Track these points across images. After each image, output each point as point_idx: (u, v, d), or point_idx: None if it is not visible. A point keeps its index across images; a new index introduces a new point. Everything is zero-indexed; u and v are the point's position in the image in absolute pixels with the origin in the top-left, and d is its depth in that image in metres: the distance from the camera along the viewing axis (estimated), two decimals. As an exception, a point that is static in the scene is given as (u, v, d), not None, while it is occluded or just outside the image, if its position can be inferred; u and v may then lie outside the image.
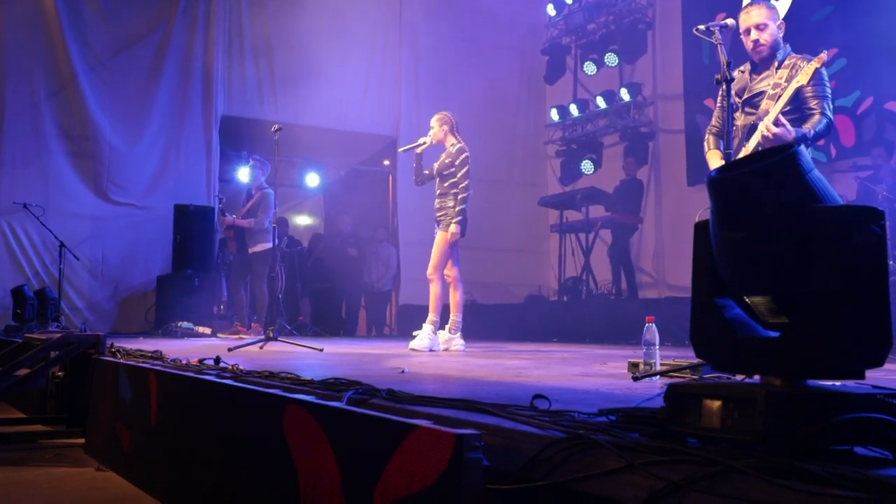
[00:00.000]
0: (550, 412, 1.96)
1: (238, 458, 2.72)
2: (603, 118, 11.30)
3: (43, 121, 9.80)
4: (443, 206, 6.50)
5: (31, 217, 9.20)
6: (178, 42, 10.53)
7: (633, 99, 10.68)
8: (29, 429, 4.87)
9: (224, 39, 10.79)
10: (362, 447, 2.00)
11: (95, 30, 10.12)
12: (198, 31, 10.62)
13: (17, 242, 9.56)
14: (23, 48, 9.75)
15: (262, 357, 4.98)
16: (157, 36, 10.43)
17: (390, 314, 11.79)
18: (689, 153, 9.91)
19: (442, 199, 6.52)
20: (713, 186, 1.55)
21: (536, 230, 12.14)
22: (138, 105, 10.30)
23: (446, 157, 6.49)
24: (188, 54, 10.57)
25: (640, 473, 1.41)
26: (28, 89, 9.75)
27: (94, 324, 9.53)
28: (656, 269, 10.46)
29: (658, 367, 3.14)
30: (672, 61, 10.37)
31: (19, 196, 9.33)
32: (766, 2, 3.94)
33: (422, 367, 3.94)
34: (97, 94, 10.08)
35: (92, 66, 10.07)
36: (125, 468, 3.76)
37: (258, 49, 10.99)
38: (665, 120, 10.59)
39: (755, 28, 3.86)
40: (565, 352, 5.83)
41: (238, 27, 10.91)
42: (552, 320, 8.98)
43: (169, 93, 10.46)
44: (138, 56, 10.32)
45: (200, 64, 10.61)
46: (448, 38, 11.85)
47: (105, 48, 10.15)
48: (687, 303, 5.44)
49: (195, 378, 3.24)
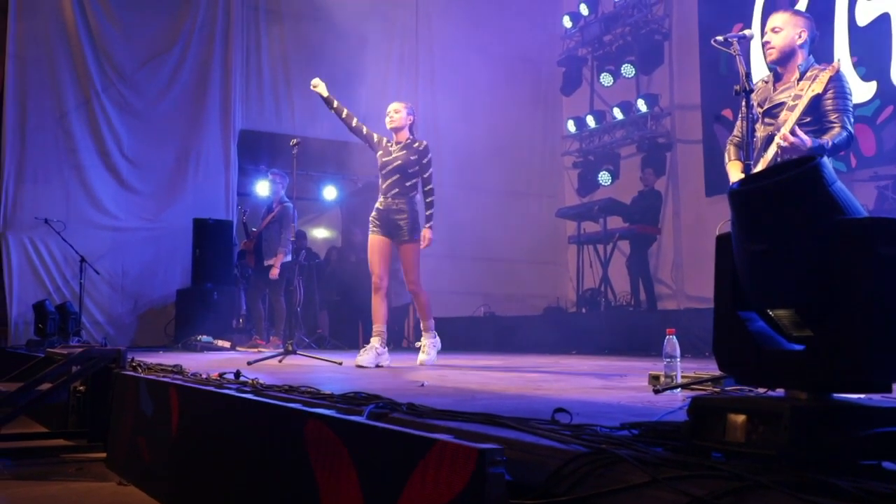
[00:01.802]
0: (572, 426, 1.95)
1: (259, 473, 2.72)
2: (620, 129, 11.28)
3: (64, 136, 9.91)
4: (401, 209, 5.78)
5: (52, 232, 9.29)
6: (196, 57, 10.62)
7: (650, 110, 10.66)
8: (51, 443, 4.90)
9: (242, 54, 10.87)
10: (383, 462, 2.00)
11: (115, 46, 10.23)
12: (215, 46, 10.71)
13: (38, 257, 9.65)
14: (45, 64, 9.87)
15: (282, 371, 4.99)
16: (175, 51, 10.53)
17: (408, 327, 11.78)
18: (706, 164, 9.87)
19: (398, 199, 5.79)
20: (735, 199, 1.54)
21: (554, 242, 12.11)
22: (157, 120, 10.39)
23: (411, 154, 5.82)
24: (206, 69, 10.66)
25: (664, 489, 1.40)
26: (49, 105, 9.87)
27: (114, 338, 9.59)
28: (675, 280, 10.41)
29: (679, 380, 3.12)
30: (689, 72, 10.35)
31: (41, 211, 9.42)
32: (794, 10, 3.91)
33: (441, 381, 3.94)
34: (117, 109, 10.19)
35: (112, 81, 10.18)
36: (146, 482, 3.77)
37: (275, 63, 11.06)
38: (682, 130, 10.55)
39: (771, 30, 3.85)
40: (584, 364, 5.80)
41: (255, 42, 10.99)
42: (571, 332, 8.94)
43: (188, 107, 10.54)
44: (157, 71, 10.42)
45: (218, 78, 10.69)
46: (465, 51, 11.87)
47: (125, 64, 10.26)
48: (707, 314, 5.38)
49: (216, 392, 3.25)
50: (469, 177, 11.75)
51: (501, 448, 1.68)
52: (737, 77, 3.56)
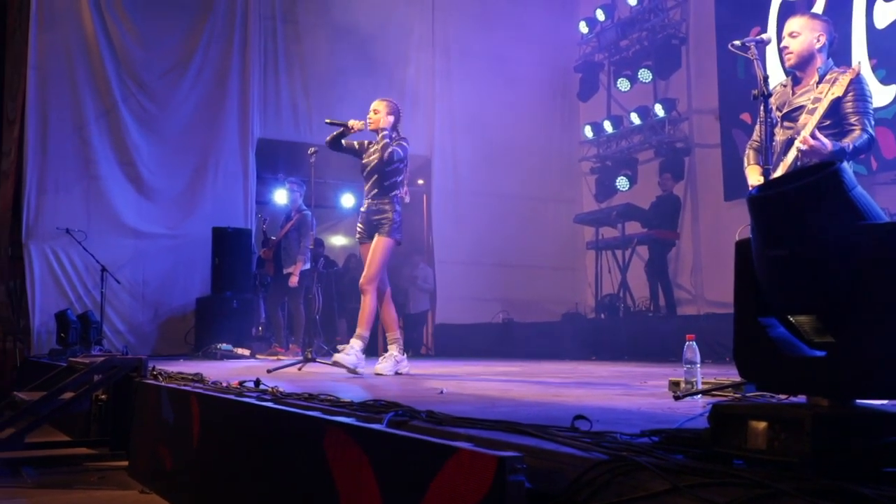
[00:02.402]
0: (592, 433, 1.95)
1: (280, 480, 2.73)
2: (637, 134, 11.25)
3: (84, 146, 9.99)
4: (381, 209, 5.58)
5: (73, 242, 9.37)
6: (214, 67, 10.69)
7: (667, 114, 10.62)
8: (73, 451, 4.94)
9: (259, 64, 10.93)
10: (403, 469, 2.00)
11: (135, 57, 10.31)
12: (233, 56, 10.77)
13: (60, 267, 9.72)
14: (65, 75, 9.96)
15: (302, 378, 5.01)
16: (194, 62, 10.60)
17: (427, 334, 11.80)
18: (725, 168, 9.82)
19: (378, 200, 5.62)
20: (754, 204, 1.54)
21: (572, 247, 12.08)
22: (176, 129, 10.46)
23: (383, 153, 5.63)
24: (224, 79, 10.72)
25: (685, 496, 1.39)
26: (70, 115, 9.95)
27: (135, 346, 9.64)
28: (694, 285, 10.36)
29: (699, 386, 3.10)
30: (707, 76, 10.30)
31: (62, 221, 9.50)
32: (811, 13, 3.88)
33: (460, 388, 3.94)
34: (136, 119, 10.27)
35: (132, 91, 10.26)
36: (168, 490, 3.80)
37: (293, 72, 11.12)
38: (700, 135, 10.51)
39: (789, 35, 3.83)
40: (604, 370, 5.78)
41: (273, 51, 11.06)
42: (590, 338, 8.92)
43: (206, 117, 10.61)
44: (176, 81, 10.50)
45: (236, 88, 10.76)
46: (481, 57, 11.89)
47: (144, 75, 10.34)
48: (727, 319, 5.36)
49: (236, 401, 3.27)
50: (486, 183, 11.76)
51: (521, 456, 1.68)
52: (754, 81, 3.55)
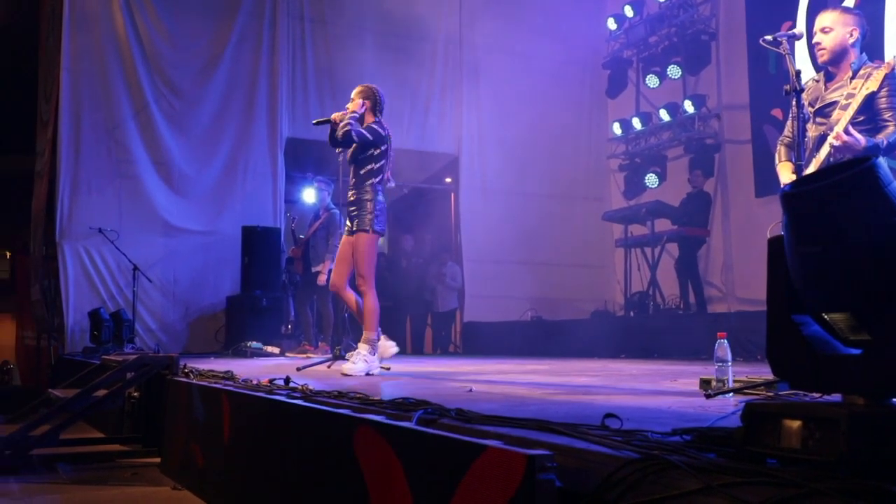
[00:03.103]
0: (622, 432, 1.93)
1: (310, 478, 2.74)
2: (667, 131, 11.17)
3: (116, 147, 10.12)
4: (355, 199, 5.33)
5: (106, 241, 9.49)
6: (243, 67, 10.78)
7: (697, 111, 10.53)
8: (107, 448, 5.01)
9: (288, 63, 11.00)
10: (433, 467, 2.00)
11: (165, 58, 10.42)
12: (262, 56, 10.85)
13: (93, 266, 9.85)
14: (97, 77, 10.10)
15: (331, 376, 5.03)
16: (223, 62, 10.69)
17: (455, 332, 11.80)
18: (756, 164, 9.72)
19: (353, 190, 5.36)
20: (787, 201, 1.52)
21: (601, 245, 12.02)
22: (206, 129, 10.57)
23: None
24: (254, 79, 10.81)
25: (718, 495, 1.38)
26: (103, 116, 10.09)
27: (166, 344, 9.75)
28: (725, 282, 10.26)
29: (731, 385, 3.07)
30: (737, 72, 10.20)
31: (95, 220, 9.63)
32: (844, 8, 3.83)
33: (489, 386, 3.93)
34: (167, 119, 10.38)
35: (162, 92, 10.38)
36: (200, 487, 3.83)
37: (321, 71, 11.18)
38: (731, 131, 10.41)
39: (821, 31, 3.77)
40: (633, 368, 5.74)
41: (301, 50, 11.12)
42: (619, 336, 8.86)
43: (235, 117, 10.69)
44: (205, 82, 10.60)
45: (265, 88, 10.84)
46: (509, 55, 11.87)
47: (175, 75, 10.45)
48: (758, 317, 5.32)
49: (266, 398, 3.29)
50: (514, 181, 11.74)
51: (552, 454, 1.67)
52: (786, 76, 3.51)
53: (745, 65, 10.01)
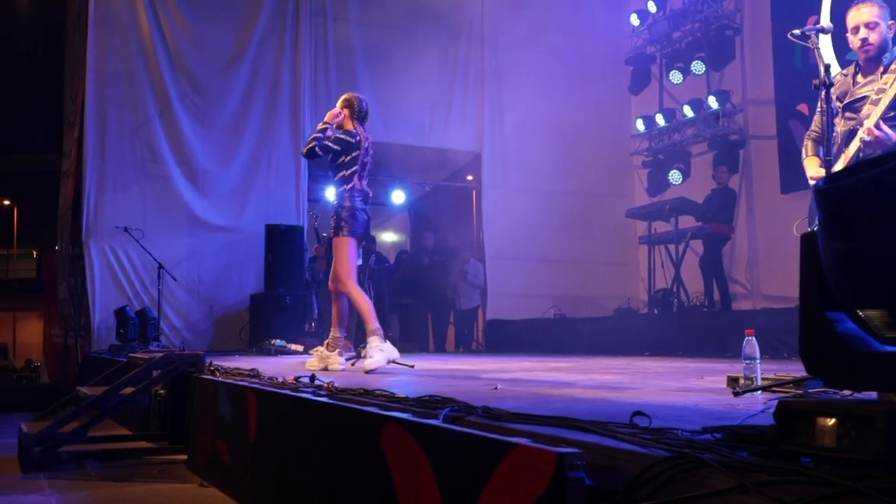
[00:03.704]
0: (652, 430, 1.92)
1: (337, 475, 2.75)
2: (690, 127, 11.09)
3: (141, 146, 10.21)
4: (338, 205, 5.51)
5: (131, 240, 9.57)
6: (266, 65, 10.83)
7: (721, 106, 10.45)
8: (134, 445, 5.05)
9: (310, 61, 11.04)
10: (461, 465, 2.00)
11: (189, 57, 10.50)
12: (285, 54, 10.90)
13: (118, 264, 9.94)
14: (123, 76, 10.19)
15: (356, 374, 5.04)
16: (246, 60, 10.75)
17: (477, 330, 11.79)
18: (781, 160, 9.63)
19: (337, 196, 5.57)
20: (821, 196, 1.50)
21: (624, 242, 11.97)
22: (229, 128, 10.63)
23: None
24: (276, 77, 10.86)
25: (751, 494, 1.36)
26: (128, 115, 10.18)
27: (191, 342, 9.82)
28: (750, 279, 10.18)
29: (759, 382, 3.04)
30: (762, 67, 10.11)
31: (120, 219, 9.71)
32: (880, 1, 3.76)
33: (514, 384, 3.92)
34: (191, 118, 10.45)
35: (186, 91, 10.45)
36: (226, 484, 3.85)
37: (342, 70, 11.20)
38: (756, 127, 10.32)
39: (864, 26, 3.70)
40: (658, 366, 5.71)
41: (324, 49, 11.15)
42: (643, 333, 8.82)
43: (258, 115, 10.75)
44: (229, 80, 10.66)
45: (288, 85, 10.88)
46: (530, 52, 11.84)
47: (199, 74, 10.52)
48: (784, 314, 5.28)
49: (292, 396, 3.30)
50: (537, 178, 11.71)
51: (581, 452, 1.66)
52: (812, 71, 3.48)
53: (769, 60, 9.92)
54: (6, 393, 11.28)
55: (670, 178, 11.01)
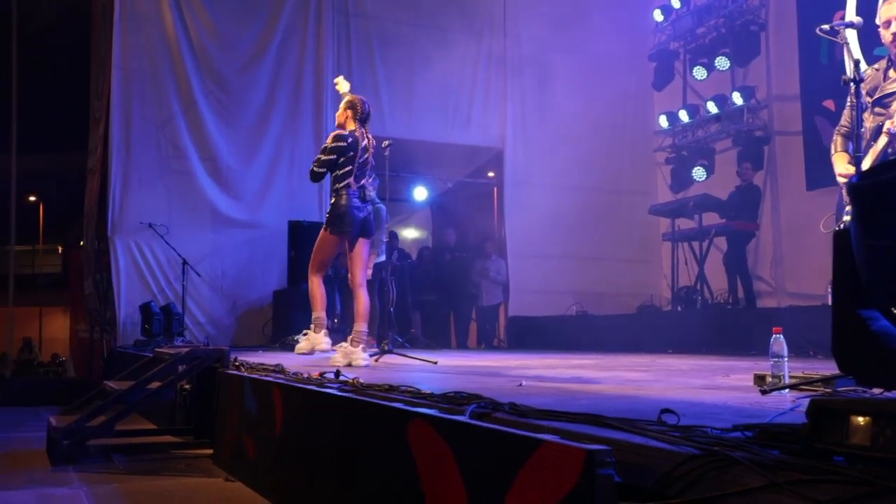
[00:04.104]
0: (680, 427, 1.91)
1: (363, 471, 2.76)
2: (714, 123, 11.01)
3: (166, 142, 10.28)
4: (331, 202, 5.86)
5: (156, 236, 9.64)
6: (289, 62, 10.87)
7: (746, 102, 10.36)
8: (160, 439, 5.10)
9: (333, 58, 11.05)
10: (488, 462, 2.00)
11: (213, 54, 10.55)
12: (308, 51, 10.94)
13: (143, 260, 10.02)
14: (147, 74, 10.26)
15: (379, 370, 5.06)
16: (269, 57, 10.79)
17: (500, 326, 11.78)
18: (807, 156, 9.54)
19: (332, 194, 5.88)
20: (855, 193, 1.48)
21: (647, 239, 11.90)
22: (253, 124, 10.68)
23: None
24: (299, 74, 10.89)
25: (784, 493, 1.36)
26: (153, 112, 10.25)
27: (215, 338, 9.88)
28: (775, 276, 10.10)
29: (787, 381, 3.02)
30: (787, 62, 10.02)
31: (145, 215, 9.79)
32: None
33: (538, 381, 3.92)
34: (214, 115, 10.51)
35: (210, 88, 10.51)
36: (252, 478, 3.88)
37: (365, 66, 11.22)
38: (781, 123, 10.22)
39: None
40: (683, 363, 5.68)
41: (346, 46, 11.17)
42: (666, 331, 8.78)
43: (281, 112, 10.79)
44: (252, 77, 10.71)
45: (311, 82, 10.91)
46: (553, 48, 11.80)
47: (221, 70, 10.57)
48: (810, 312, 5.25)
49: (318, 391, 3.32)
50: (559, 174, 11.67)
51: (610, 449, 1.66)
52: (839, 66, 3.45)
53: (795, 55, 9.83)
54: (34, 387, 11.42)
55: (694, 174, 10.93)
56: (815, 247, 8.69)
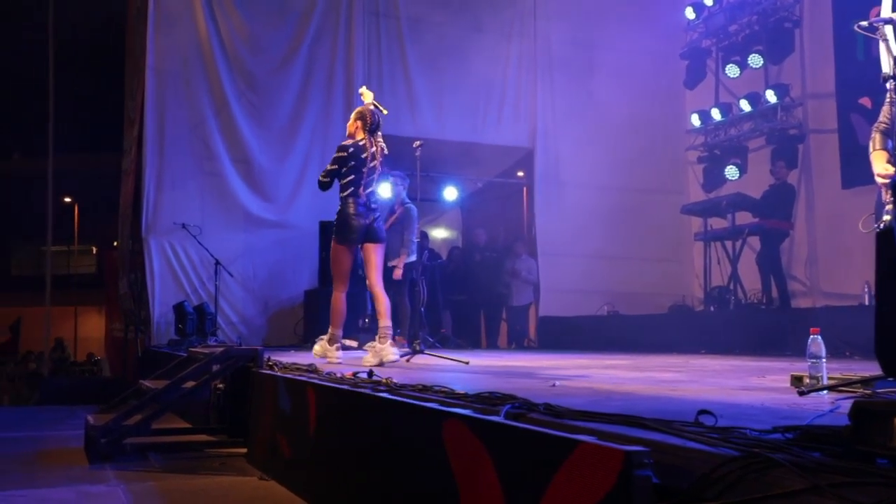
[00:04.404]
0: (718, 428, 1.90)
1: (397, 471, 2.77)
2: (747, 121, 10.90)
3: (198, 144, 10.37)
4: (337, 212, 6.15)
5: (189, 236, 9.75)
6: (320, 63, 10.92)
7: (779, 100, 10.25)
8: (195, 438, 5.15)
9: (363, 59, 11.09)
10: (524, 463, 2.00)
11: (245, 56, 10.64)
12: (338, 52, 10.98)
13: (177, 260, 10.12)
14: (181, 76, 10.36)
15: (411, 370, 5.07)
16: (301, 58, 10.85)
17: (530, 326, 11.75)
18: (843, 155, 9.42)
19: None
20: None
21: (678, 239, 11.82)
22: (284, 125, 10.74)
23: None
24: (330, 74, 10.94)
25: (825, 496, 1.34)
26: (185, 115, 10.34)
27: (247, 337, 9.96)
28: (809, 276, 9.97)
29: (825, 382, 2.98)
30: (822, 59, 9.89)
31: (178, 216, 9.90)
32: None
33: (571, 381, 3.91)
34: (247, 116, 10.59)
35: (242, 90, 10.59)
36: (286, 477, 3.91)
37: (395, 67, 11.25)
38: (816, 121, 10.09)
39: None
40: (717, 364, 5.64)
41: (377, 47, 11.21)
42: (699, 331, 8.71)
43: (312, 112, 10.84)
44: (284, 78, 10.77)
45: (342, 83, 10.96)
46: (583, 47, 11.75)
47: (254, 72, 10.66)
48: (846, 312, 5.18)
49: (352, 391, 3.33)
50: (589, 174, 11.62)
51: (648, 450, 1.65)
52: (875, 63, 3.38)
53: (830, 52, 9.70)
54: (70, 386, 11.60)
55: (727, 173, 10.83)
56: (852, 246, 8.58)
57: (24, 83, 23.30)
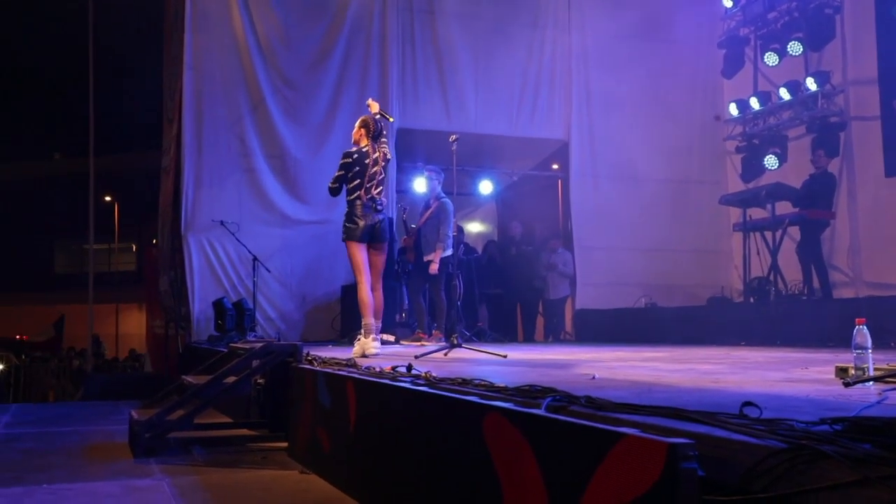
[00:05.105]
0: (763, 420, 1.88)
1: (438, 464, 2.77)
2: (787, 110, 10.74)
3: (235, 141, 10.46)
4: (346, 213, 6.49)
5: (227, 233, 9.84)
6: (355, 59, 10.95)
7: (820, 88, 10.08)
8: (236, 433, 5.21)
9: (398, 55, 11.11)
10: (567, 456, 1.99)
11: (280, 53, 10.70)
12: (373, 48, 11.00)
13: (216, 257, 10.22)
14: (217, 73, 10.45)
15: (450, 364, 5.07)
16: (335, 55, 10.89)
17: (567, 319, 11.71)
18: (886, 142, 9.24)
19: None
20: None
21: (717, 230, 11.69)
22: (319, 122, 10.79)
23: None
24: (364, 70, 10.96)
25: (878, 488, 1.32)
26: (222, 112, 10.43)
27: (285, 333, 10.04)
28: (852, 266, 9.81)
29: (871, 373, 2.93)
30: (864, 45, 9.70)
31: (217, 213, 10.00)
32: None
33: (611, 374, 3.89)
34: (282, 113, 10.65)
35: (277, 86, 10.66)
36: (327, 471, 3.94)
37: (429, 62, 11.25)
38: (858, 108, 9.91)
39: None
40: (758, 356, 5.56)
41: (410, 42, 11.21)
42: (738, 323, 8.61)
43: (347, 108, 10.85)
44: (319, 75, 10.82)
45: (376, 79, 10.98)
46: (618, 38, 11.64)
47: (289, 69, 10.71)
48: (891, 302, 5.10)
49: (391, 385, 3.34)
50: (625, 165, 11.54)
51: (693, 442, 1.64)
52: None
53: (872, 38, 9.53)
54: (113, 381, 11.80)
55: (766, 163, 10.69)
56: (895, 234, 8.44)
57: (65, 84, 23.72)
